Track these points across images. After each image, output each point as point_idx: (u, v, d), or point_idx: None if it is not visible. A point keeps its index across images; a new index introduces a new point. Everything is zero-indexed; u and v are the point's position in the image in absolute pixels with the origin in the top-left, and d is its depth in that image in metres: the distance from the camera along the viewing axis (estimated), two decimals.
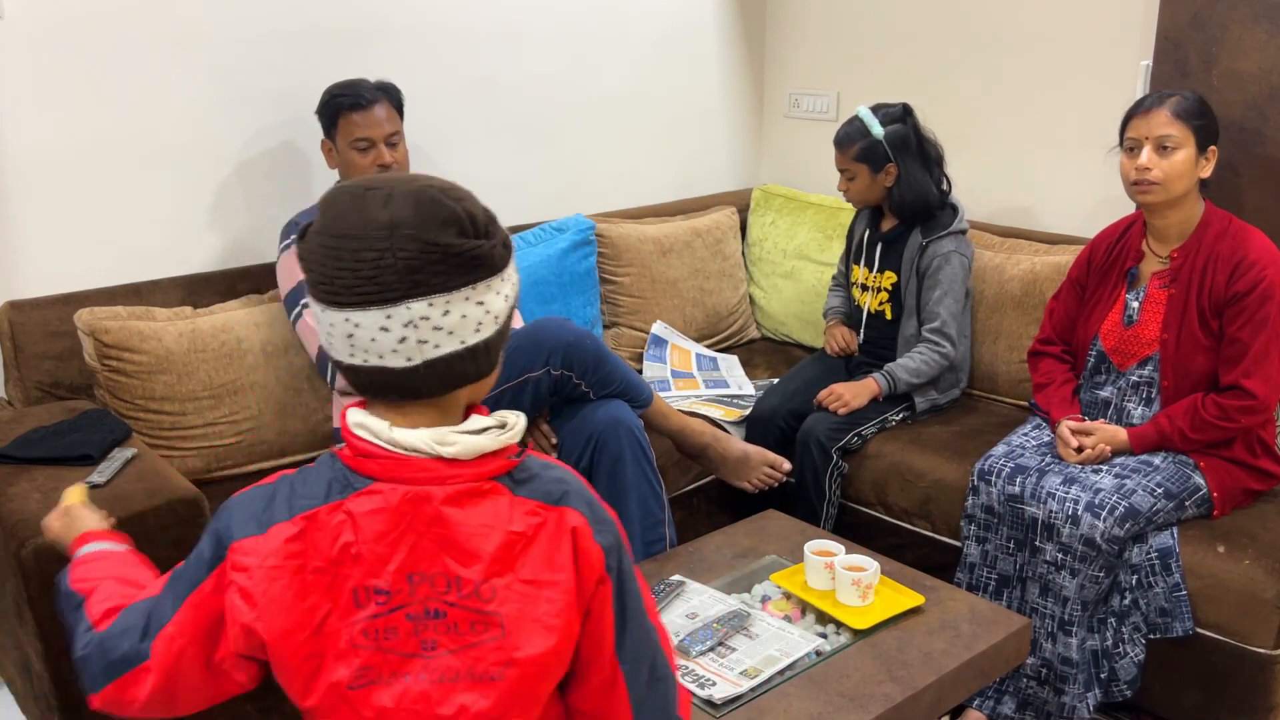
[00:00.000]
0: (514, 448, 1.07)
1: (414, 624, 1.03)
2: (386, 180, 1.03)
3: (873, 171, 2.67)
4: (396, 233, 0.98)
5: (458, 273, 1.00)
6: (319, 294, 1.02)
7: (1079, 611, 2.11)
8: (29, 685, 1.98)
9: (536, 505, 1.05)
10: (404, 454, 1.02)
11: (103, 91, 2.38)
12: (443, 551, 1.02)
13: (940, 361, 2.67)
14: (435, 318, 1.00)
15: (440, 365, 1.02)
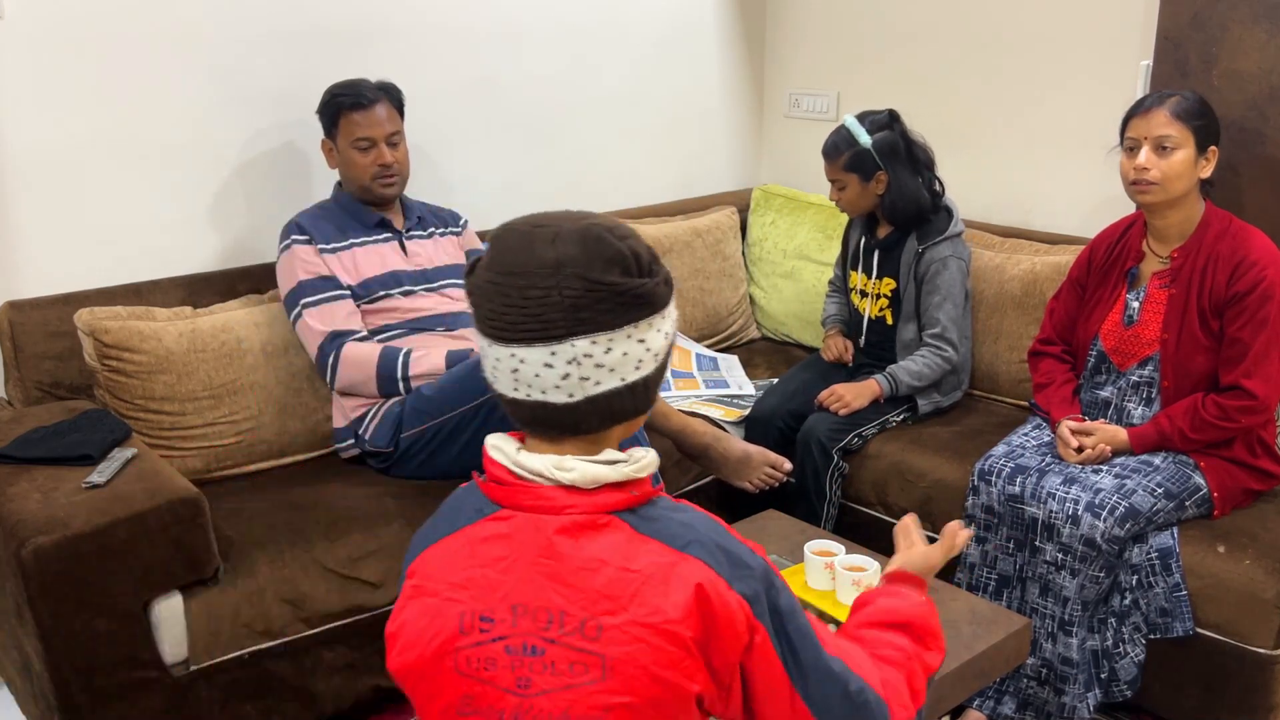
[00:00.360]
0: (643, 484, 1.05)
1: (511, 658, 1.01)
2: (554, 218, 1.05)
3: (863, 180, 2.66)
4: (562, 271, 1.00)
5: (621, 311, 1.01)
6: (485, 329, 1.04)
7: (1079, 611, 2.11)
8: (29, 685, 1.98)
9: (659, 546, 1.01)
10: (528, 479, 1.03)
11: (103, 91, 2.38)
12: (550, 584, 1.01)
13: (943, 365, 2.67)
14: (598, 355, 1.01)
15: (600, 401, 1.03)
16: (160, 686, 1.93)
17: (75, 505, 1.84)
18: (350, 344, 2.34)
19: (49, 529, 1.77)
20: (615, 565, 1.00)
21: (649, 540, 1.01)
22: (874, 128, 2.64)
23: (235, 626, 1.99)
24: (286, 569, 2.04)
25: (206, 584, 1.98)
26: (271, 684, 2.05)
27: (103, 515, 1.82)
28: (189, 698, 1.97)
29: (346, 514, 2.18)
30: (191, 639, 1.95)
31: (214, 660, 1.98)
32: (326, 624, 2.08)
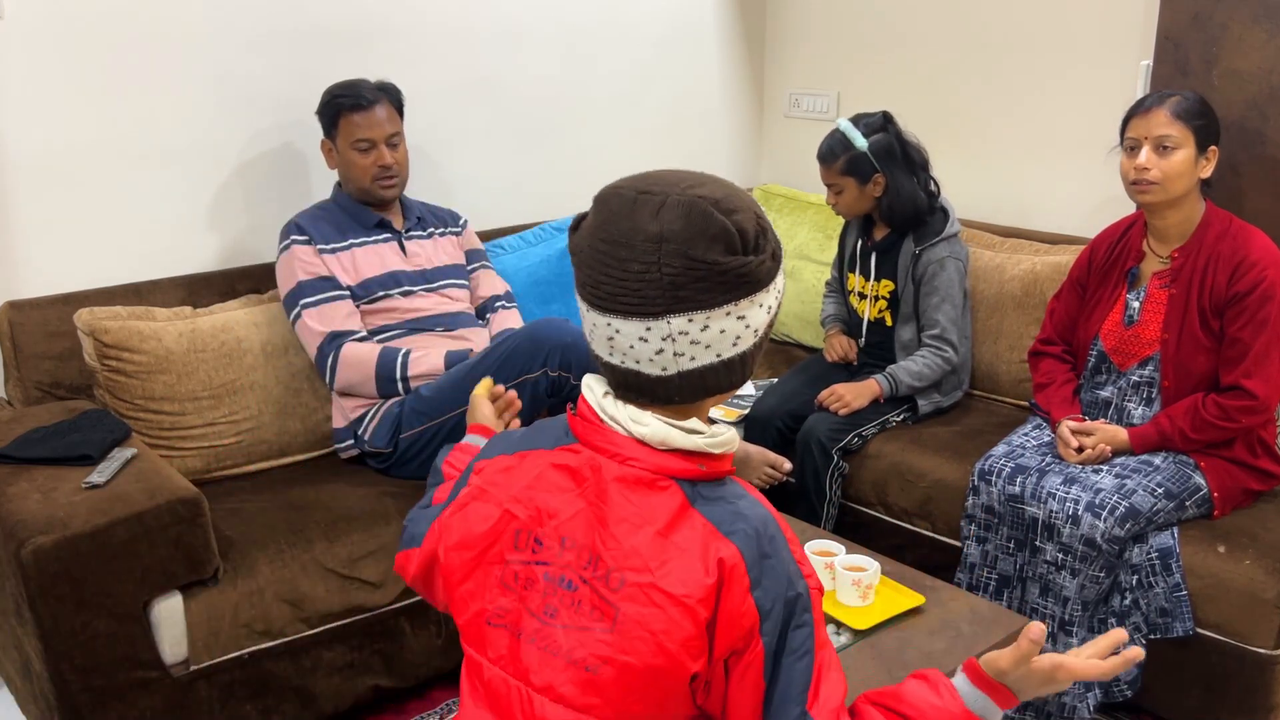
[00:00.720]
0: (716, 461, 1.04)
1: (547, 585, 1.03)
2: (662, 185, 1.01)
3: (860, 184, 2.66)
4: (665, 246, 0.98)
5: (721, 290, 0.99)
6: (585, 294, 1.05)
7: (1079, 611, 2.11)
8: (29, 685, 1.97)
9: (705, 524, 1.01)
10: (608, 424, 1.05)
11: (103, 92, 2.38)
12: (597, 526, 1.02)
13: (943, 366, 2.67)
14: (694, 333, 1.00)
15: (694, 376, 1.02)
16: (160, 686, 1.93)
17: (75, 505, 1.84)
18: (349, 344, 2.34)
19: (49, 529, 1.77)
20: (656, 528, 1.00)
21: (697, 515, 1.01)
22: (869, 130, 2.64)
23: (235, 626, 1.99)
24: (286, 569, 2.04)
25: (206, 584, 1.98)
26: (271, 684, 2.05)
27: (102, 515, 1.82)
28: (189, 698, 1.97)
29: (346, 514, 2.18)
30: (191, 639, 1.95)
31: (214, 660, 1.98)
32: (326, 624, 2.08)
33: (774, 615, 1.00)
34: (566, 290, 2.97)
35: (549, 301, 2.92)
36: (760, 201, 3.50)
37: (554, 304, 2.93)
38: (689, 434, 1.03)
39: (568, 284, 2.97)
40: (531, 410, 2.25)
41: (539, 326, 2.24)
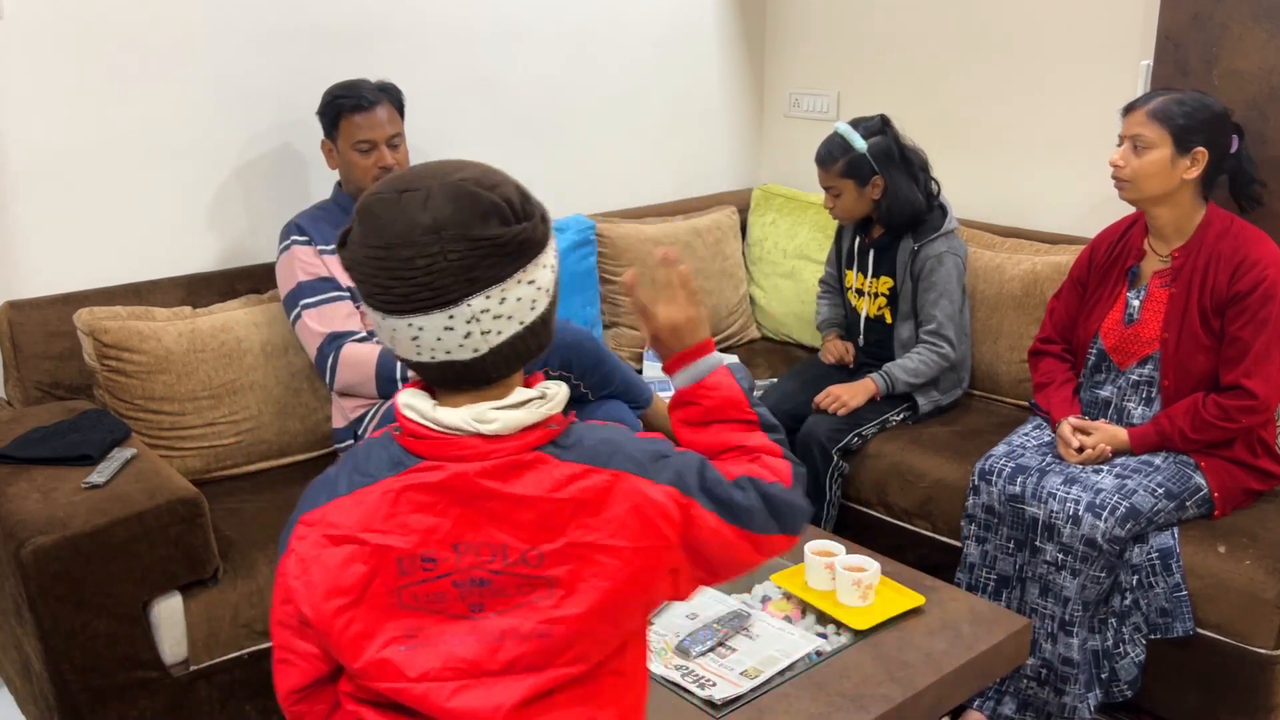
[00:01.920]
0: (557, 416, 1.08)
1: (460, 590, 1.05)
2: (419, 179, 1.02)
3: (859, 186, 2.66)
4: (444, 234, 0.99)
5: (508, 260, 1.02)
6: (375, 304, 1.03)
7: (1080, 612, 2.11)
8: (29, 685, 1.98)
9: (585, 468, 1.05)
10: (448, 434, 1.04)
11: (102, 92, 2.38)
12: (489, 523, 1.04)
13: (939, 362, 2.67)
14: (494, 308, 1.02)
15: (504, 349, 1.04)
16: (160, 686, 1.93)
17: (75, 505, 1.84)
18: (349, 345, 2.34)
19: (49, 529, 1.77)
20: (547, 497, 1.04)
21: (574, 465, 1.05)
22: (868, 133, 2.64)
23: (235, 626, 1.99)
24: None
25: (206, 584, 1.98)
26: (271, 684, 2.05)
27: (102, 515, 1.82)
28: (189, 698, 1.97)
29: None
30: (191, 639, 1.95)
31: (214, 660, 1.98)
32: None
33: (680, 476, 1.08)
34: (566, 290, 2.97)
35: None
36: (760, 201, 3.50)
37: None
38: (527, 407, 1.06)
39: (568, 283, 2.98)
40: None
41: None
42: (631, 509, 1.05)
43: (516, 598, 1.04)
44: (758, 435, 1.20)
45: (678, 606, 1.86)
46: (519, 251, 1.02)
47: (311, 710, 1.18)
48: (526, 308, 1.04)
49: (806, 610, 1.88)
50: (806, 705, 1.62)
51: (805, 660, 1.72)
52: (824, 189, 2.72)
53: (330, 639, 1.08)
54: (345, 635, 1.06)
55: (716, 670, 1.68)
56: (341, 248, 1.05)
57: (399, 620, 1.05)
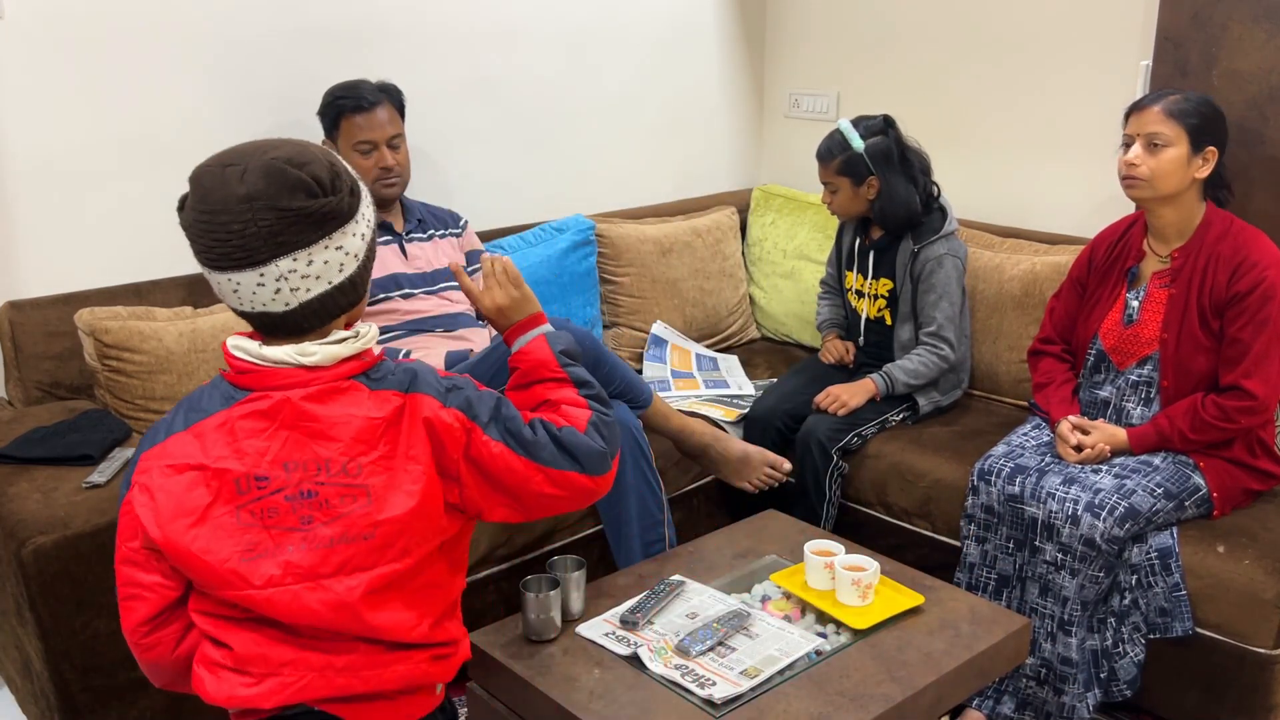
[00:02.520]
0: (369, 352, 1.26)
1: (291, 504, 1.20)
2: (241, 155, 1.21)
3: (854, 185, 2.66)
4: (255, 204, 1.16)
5: (313, 229, 1.18)
6: (202, 260, 1.21)
7: (1079, 611, 2.11)
8: (29, 685, 1.98)
9: (391, 394, 1.24)
10: (272, 367, 1.21)
11: (103, 92, 2.38)
12: (311, 441, 1.21)
13: (939, 364, 2.67)
14: (301, 269, 1.19)
15: (314, 304, 1.21)
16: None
17: (75, 505, 1.84)
18: None
19: (49, 529, 1.78)
20: (362, 416, 1.22)
21: (382, 392, 1.24)
22: (868, 133, 2.64)
23: None
24: None
25: None
26: None
27: (103, 515, 1.82)
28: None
29: None
30: None
31: None
32: None
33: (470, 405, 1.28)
34: (566, 290, 2.98)
35: (549, 301, 2.92)
36: (760, 202, 3.51)
37: (554, 304, 2.93)
38: (344, 343, 1.23)
39: (567, 284, 2.98)
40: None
41: None
42: (426, 424, 1.24)
43: (340, 507, 1.21)
44: (565, 390, 1.40)
45: (677, 605, 1.86)
46: (324, 221, 1.18)
47: (161, 639, 1.27)
48: (334, 270, 1.21)
49: (806, 610, 1.88)
50: (806, 705, 1.62)
51: (805, 660, 1.72)
52: (822, 184, 2.73)
53: (179, 558, 1.20)
54: (193, 552, 1.19)
55: (716, 670, 1.68)
56: (180, 211, 1.23)
57: (240, 536, 1.19)
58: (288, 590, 1.19)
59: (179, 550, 1.19)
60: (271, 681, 1.22)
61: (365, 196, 1.27)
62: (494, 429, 1.29)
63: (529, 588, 1.79)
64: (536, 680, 1.69)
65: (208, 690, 1.24)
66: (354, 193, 1.23)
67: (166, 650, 1.28)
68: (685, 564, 2.04)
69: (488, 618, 2.22)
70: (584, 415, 1.36)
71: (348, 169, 1.26)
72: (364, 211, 1.25)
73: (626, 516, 2.19)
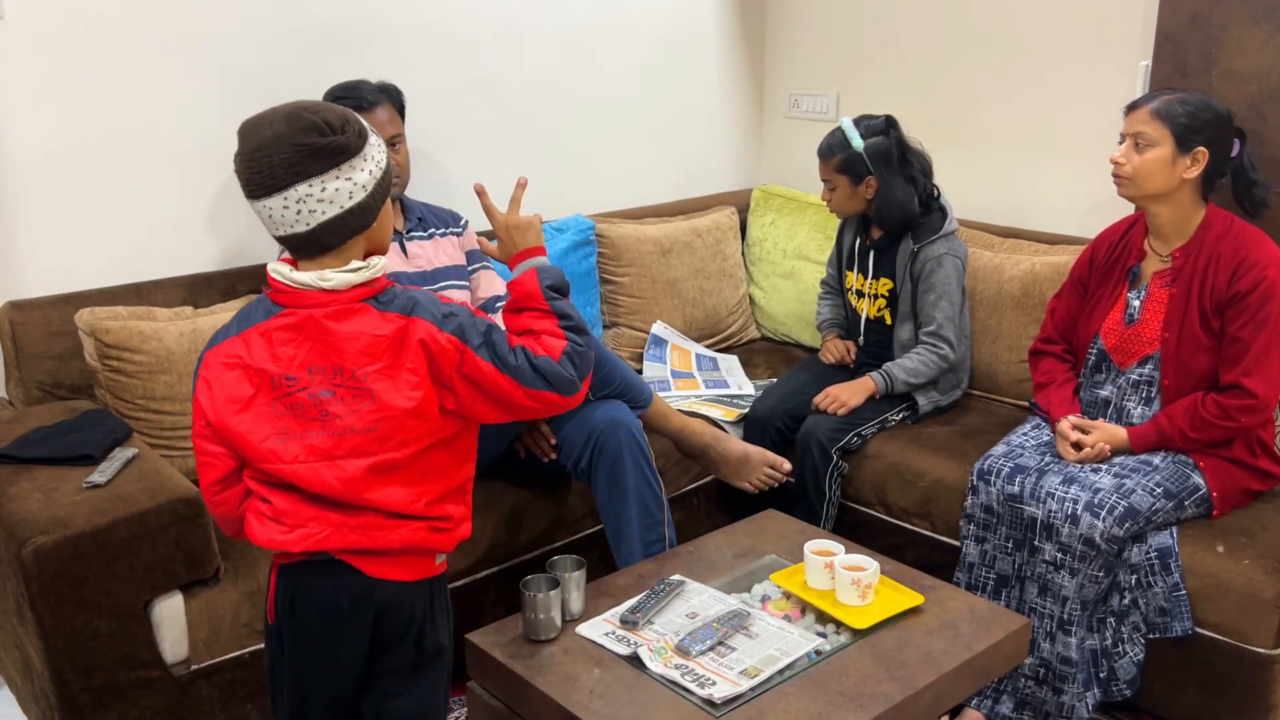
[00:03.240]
0: (380, 280, 1.49)
1: (314, 400, 1.47)
2: (272, 110, 1.45)
3: (852, 183, 2.67)
4: (279, 141, 1.42)
5: (325, 160, 1.42)
6: (247, 192, 1.46)
7: (1078, 611, 2.12)
8: (30, 684, 1.98)
9: (395, 315, 1.47)
10: (300, 288, 1.46)
11: (103, 91, 2.38)
12: (329, 351, 1.46)
13: (939, 363, 2.67)
14: (316, 193, 1.43)
15: (330, 224, 1.45)
16: (161, 686, 1.93)
17: (76, 505, 1.84)
18: None
19: (50, 529, 1.78)
20: (369, 333, 1.46)
21: (388, 314, 1.47)
22: (869, 132, 2.65)
23: (235, 626, 1.99)
24: None
25: (207, 583, 1.98)
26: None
27: (103, 515, 1.82)
28: (189, 697, 1.97)
29: None
30: (192, 638, 1.95)
31: (214, 659, 1.98)
32: None
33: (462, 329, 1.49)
34: None
35: None
36: (760, 202, 3.51)
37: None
38: (358, 272, 1.46)
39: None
40: None
41: None
42: (422, 343, 1.46)
43: (350, 404, 1.46)
44: (547, 322, 1.60)
45: (677, 605, 1.86)
46: (333, 154, 1.43)
47: (228, 498, 1.55)
48: (345, 196, 1.45)
49: (806, 609, 1.88)
50: (806, 704, 1.62)
51: (805, 659, 1.73)
52: (822, 181, 2.74)
53: (228, 437, 1.49)
54: (239, 433, 1.48)
55: (716, 669, 1.68)
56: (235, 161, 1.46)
57: (275, 422, 1.48)
58: (309, 466, 1.47)
59: (228, 430, 1.48)
60: (300, 531, 1.49)
61: (375, 143, 1.49)
62: (484, 351, 1.50)
63: (529, 588, 1.79)
64: (536, 680, 1.69)
65: (255, 535, 1.51)
66: (361, 135, 1.46)
67: (232, 507, 1.56)
68: (685, 564, 2.04)
69: (488, 618, 2.22)
70: (559, 345, 1.57)
71: (360, 121, 1.48)
72: (372, 153, 1.48)
73: (626, 516, 2.19)
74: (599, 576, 2.01)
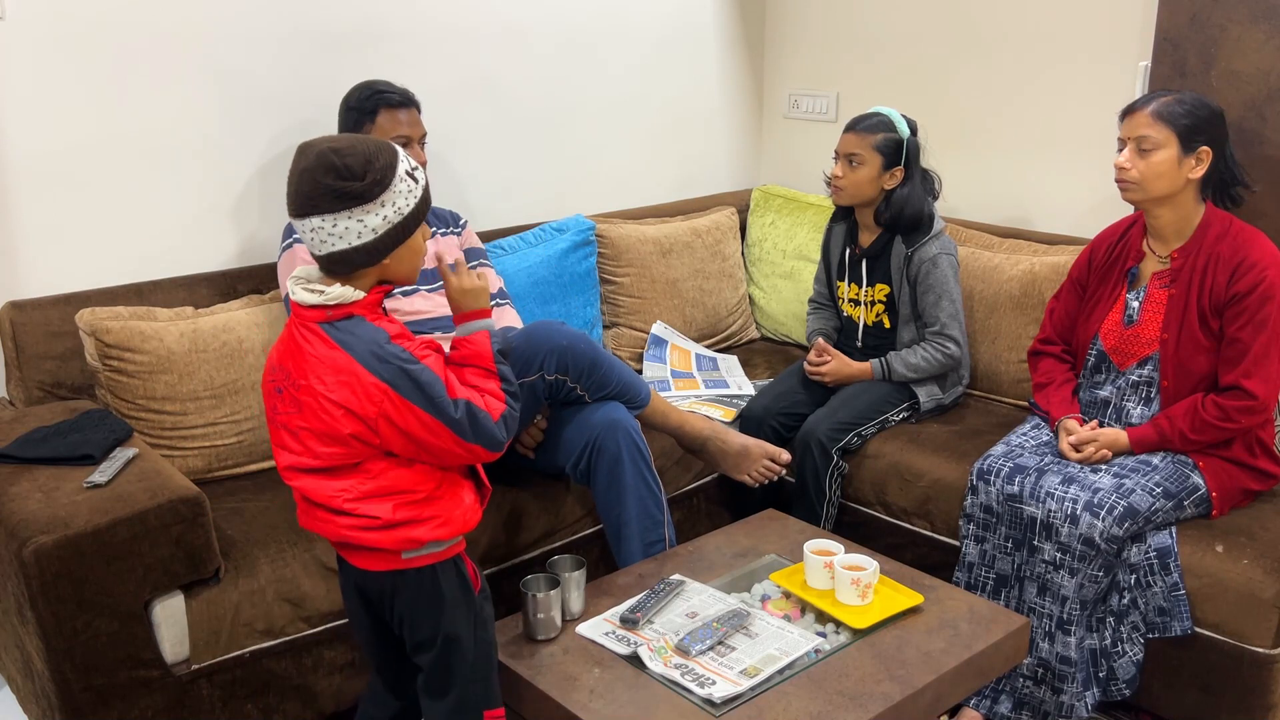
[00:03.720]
0: (340, 309, 1.58)
1: (282, 394, 1.62)
2: (320, 140, 1.58)
3: (883, 166, 2.65)
4: (306, 174, 1.56)
5: (337, 200, 1.55)
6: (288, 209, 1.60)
7: (1077, 611, 2.12)
8: (30, 684, 1.98)
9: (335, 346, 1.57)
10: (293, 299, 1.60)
11: (104, 92, 2.38)
12: (291, 358, 1.61)
13: (944, 361, 2.68)
14: (327, 228, 1.56)
15: (337, 256, 1.58)
16: (161, 685, 1.93)
17: (77, 505, 1.84)
18: None
19: (50, 529, 1.78)
20: (310, 353, 1.58)
21: (331, 342, 1.57)
22: (910, 129, 2.66)
23: (236, 626, 1.99)
24: (287, 568, 2.05)
25: (207, 583, 1.98)
26: (272, 683, 2.06)
27: (104, 515, 1.83)
28: (190, 697, 1.97)
29: None
30: (192, 638, 1.95)
31: (215, 659, 1.98)
32: (327, 623, 2.09)
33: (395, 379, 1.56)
34: (566, 290, 2.98)
35: (549, 301, 2.93)
36: (759, 202, 3.51)
37: (554, 304, 2.94)
38: (315, 294, 1.57)
39: (568, 284, 2.98)
40: (531, 411, 2.26)
41: (535, 330, 2.25)
42: (347, 382, 1.56)
43: (290, 407, 1.61)
44: (491, 383, 1.69)
45: (677, 604, 1.87)
46: (346, 198, 1.54)
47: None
48: (354, 235, 1.56)
49: (806, 609, 1.88)
50: (805, 704, 1.63)
51: (804, 659, 1.73)
52: (844, 156, 2.66)
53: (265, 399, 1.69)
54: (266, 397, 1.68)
55: (716, 669, 1.69)
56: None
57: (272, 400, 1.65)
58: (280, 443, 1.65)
59: (264, 392, 1.68)
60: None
61: (403, 190, 1.59)
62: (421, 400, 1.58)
63: (529, 588, 1.80)
64: (536, 680, 1.70)
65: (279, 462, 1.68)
66: (381, 183, 1.56)
67: None
68: (685, 564, 2.04)
69: None
70: (500, 408, 1.67)
71: (390, 168, 1.57)
72: (392, 200, 1.58)
73: (626, 517, 2.19)
74: (599, 576, 2.01)
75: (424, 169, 2.49)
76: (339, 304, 1.58)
